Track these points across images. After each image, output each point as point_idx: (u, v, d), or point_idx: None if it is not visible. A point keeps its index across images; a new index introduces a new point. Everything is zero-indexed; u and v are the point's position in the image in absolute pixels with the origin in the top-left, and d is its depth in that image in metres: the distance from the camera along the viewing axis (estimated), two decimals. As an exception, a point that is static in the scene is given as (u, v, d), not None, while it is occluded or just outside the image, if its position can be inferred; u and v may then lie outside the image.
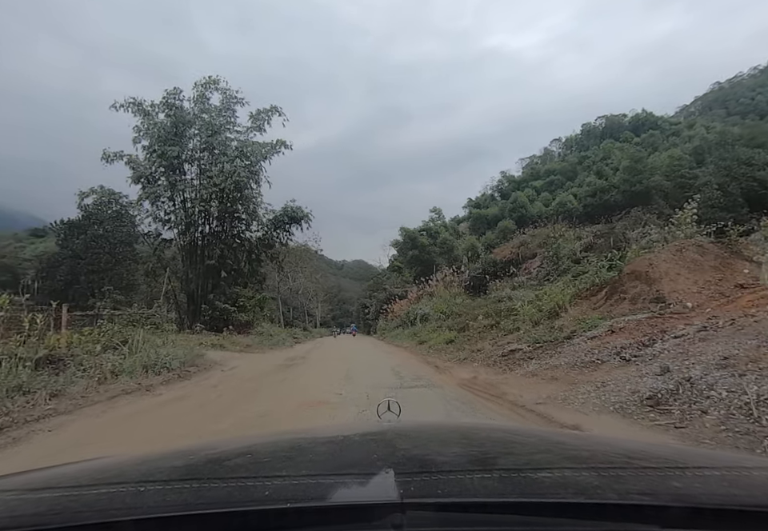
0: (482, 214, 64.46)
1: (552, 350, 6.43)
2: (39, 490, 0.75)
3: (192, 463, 0.93)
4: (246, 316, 20.65)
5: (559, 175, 64.74)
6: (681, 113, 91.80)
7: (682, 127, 69.56)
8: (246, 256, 24.35)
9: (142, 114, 21.83)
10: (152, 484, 0.71)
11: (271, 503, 0.59)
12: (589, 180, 49.79)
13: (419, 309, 21.42)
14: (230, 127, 23.50)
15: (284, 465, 0.88)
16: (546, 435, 1.42)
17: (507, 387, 5.55)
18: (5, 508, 0.64)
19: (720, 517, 0.55)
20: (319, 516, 0.57)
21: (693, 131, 62.55)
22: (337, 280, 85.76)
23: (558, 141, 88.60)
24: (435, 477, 0.69)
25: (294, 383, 7.63)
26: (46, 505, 0.65)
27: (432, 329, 16.11)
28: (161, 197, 21.51)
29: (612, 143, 63.73)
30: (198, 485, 0.70)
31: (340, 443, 1.08)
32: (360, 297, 59.01)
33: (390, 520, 0.53)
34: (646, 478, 0.70)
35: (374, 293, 43.87)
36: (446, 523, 0.55)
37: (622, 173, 43.19)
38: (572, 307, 8.04)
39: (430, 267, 39.33)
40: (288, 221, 24.49)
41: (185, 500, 0.63)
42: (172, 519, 0.55)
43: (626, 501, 0.58)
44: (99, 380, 6.04)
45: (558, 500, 0.59)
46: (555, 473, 0.70)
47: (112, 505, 0.62)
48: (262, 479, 0.70)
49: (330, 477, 0.72)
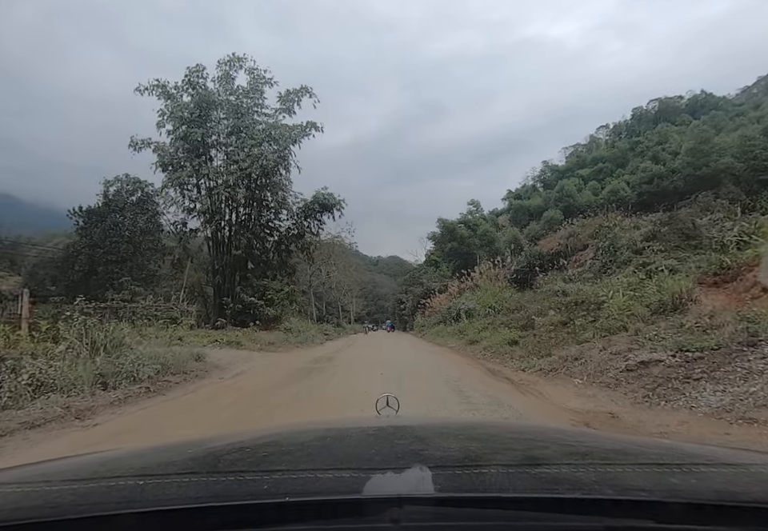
0: (524, 205, 61.20)
1: (727, 365, 4.06)
2: (38, 483, 0.74)
3: (191, 457, 0.92)
4: (274, 310, 19.05)
5: (608, 163, 60.37)
6: (742, 95, 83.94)
7: (746, 108, 63.27)
8: (274, 246, 22.85)
9: (165, 97, 20.60)
10: (151, 478, 0.71)
11: (270, 497, 0.58)
12: (644, 166, 45.68)
13: (462, 304, 19.18)
14: (258, 109, 21.99)
15: (283, 459, 0.87)
16: (544, 431, 1.38)
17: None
18: (4, 501, 0.64)
19: (717, 513, 0.54)
20: (317, 510, 0.56)
21: (759, 112, 56.51)
22: (372, 276, 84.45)
23: (606, 128, 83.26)
24: (433, 471, 0.68)
25: (305, 404, 5.31)
26: (45, 498, 0.64)
27: (482, 327, 13.89)
28: (186, 184, 20.27)
29: (668, 126, 58.66)
30: (196, 478, 0.70)
31: (338, 438, 1.08)
32: (395, 293, 57.12)
33: (388, 514, 0.53)
34: (644, 474, 0.70)
35: (410, 287, 41.74)
36: (444, 518, 0.55)
37: (684, 157, 39.10)
38: (705, 297, 5.72)
39: (469, 260, 36.95)
40: (319, 208, 22.77)
41: (183, 493, 0.63)
42: (170, 512, 0.54)
43: (624, 497, 0.57)
44: (6, 402, 4.17)
45: (556, 495, 0.58)
46: (553, 469, 0.71)
47: (111, 499, 0.62)
48: (261, 473, 0.70)
49: (329, 472, 0.70)
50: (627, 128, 73.94)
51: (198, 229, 20.97)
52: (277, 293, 19.63)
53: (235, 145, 20.66)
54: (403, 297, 45.96)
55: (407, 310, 42.41)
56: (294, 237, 22.87)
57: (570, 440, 1.08)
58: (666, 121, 64.71)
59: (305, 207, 22.79)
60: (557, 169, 69.71)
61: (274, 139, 21.18)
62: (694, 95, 71.77)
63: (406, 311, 43.19)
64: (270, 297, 19.45)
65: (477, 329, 14.26)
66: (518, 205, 62.05)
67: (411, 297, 39.89)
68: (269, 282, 20.04)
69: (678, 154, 43.75)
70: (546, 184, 67.32)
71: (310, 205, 22.68)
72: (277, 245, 22.75)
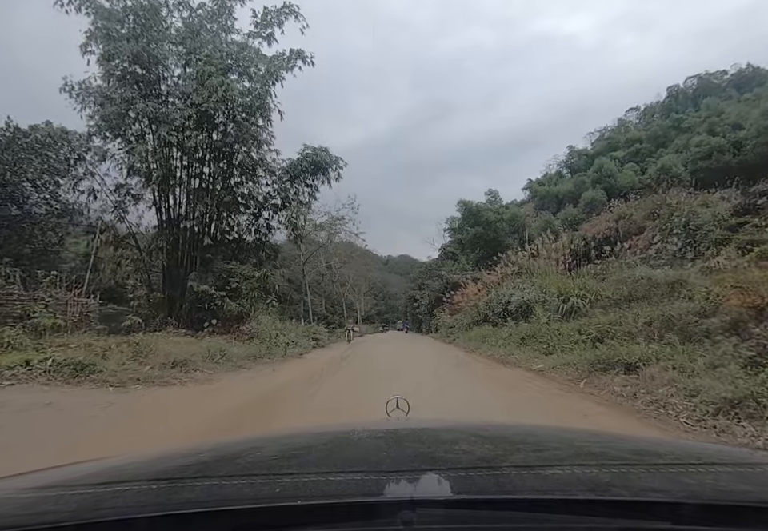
0: (551, 192, 54.95)
1: None
2: (55, 488, 0.74)
3: (203, 461, 0.92)
4: (240, 305, 13.21)
5: (646, 143, 53.72)
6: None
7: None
8: (250, 220, 17.00)
9: (95, 13, 14.80)
10: (164, 482, 0.71)
11: (282, 500, 0.58)
12: (697, 140, 39.10)
13: (512, 295, 13.13)
14: (223, 34, 16.15)
15: (294, 462, 0.87)
16: (556, 432, 1.36)
17: None
18: (22, 505, 0.65)
19: (733, 513, 0.53)
20: (330, 513, 0.56)
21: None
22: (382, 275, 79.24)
23: (636, 110, 76.51)
24: (445, 474, 0.68)
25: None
26: (61, 503, 0.64)
27: (579, 330, 7.80)
28: (120, 127, 14.43)
29: (716, 101, 51.93)
30: (209, 482, 0.70)
31: (349, 441, 1.07)
32: (406, 290, 51.09)
33: (401, 517, 0.52)
34: (658, 475, 0.68)
35: (425, 281, 35.64)
36: (456, 520, 0.54)
37: (759, 120, 32.45)
38: None
39: (497, 248, 30.88)
40: (309, 168, 16.90)
41: (196, 498, 0.63)
42: (184, 516, 0.54)
43: (638, 498, 0.56)
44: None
45: (568, 496, 0.57)
46: (565, 470, 0.69)
47: (126, 503, 0.62)
48: (273, 477, 0.70)
49: (340, 475, 0.70)
50: (663, 107, 67.05)
51: (138, 195, 15.19)
52: (245, 280, 13.77)
53: (187, 76, 14.87)
54: (417, 294, 39.83)
55: (422, 309, 36.36)
56: (276, 207, 17.02)
57: (582, 441, 1.05)
58: (706, 99, 58.13)
59: (290, 167, 16.95)
60: (585, 154, 63.13)
61: (246, 71, 15.38)
62: (739, 69, 64.63)
63: (421, 309, 37.13)
64: (234, 286, 13.60)
65: (572, 333, 8.15)
66: (544, 192, 55.77)
67: (428, 293, 33.86)
68: (236, 267, 14.20)
69: (741, 128, 37.24)
70: (573, 169, 61.07)
71: (298, 163, 16.84)
72: (253, 218, 16.94)
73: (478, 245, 34.63)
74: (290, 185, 16.83)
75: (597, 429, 2.77)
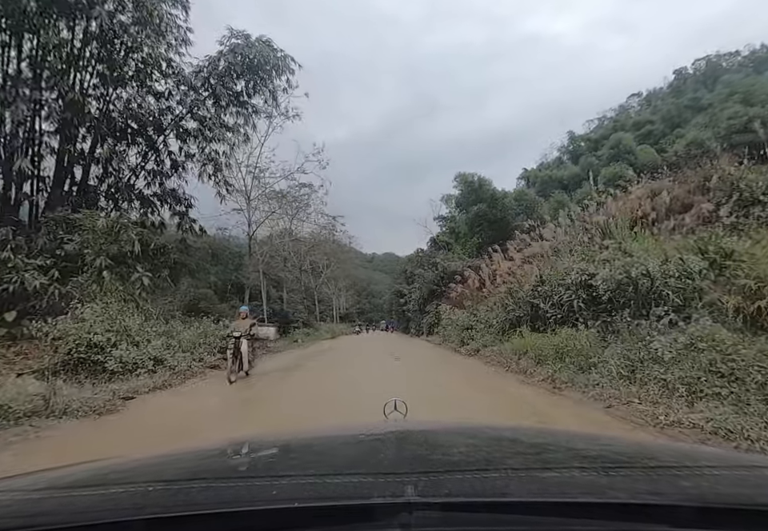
0: (554, 176, 49.27)
1: None
2: (50, 490, 0.73)
3: (199, 463, 0.91)
4: (73, 285, 6.73)
5: (659, 124, 48.51)
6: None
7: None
8: (142, 152, 10.54)
9: None
10: (160, 484, 0.70)
11: (278, 503, 0.57)
12: (731, 112, 33.81)
13: (596, 270, 6.92)
14: None
15: (291, 464, 0.86)
16: (554, 435, 1.33)
17: None
18: (19, 507, 0.64)
19: (730, 516, 0.53)
20: (327, 515, 0.56)
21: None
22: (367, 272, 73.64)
23: (638, 96, 71.69)
24: (443, 476, 0.68)
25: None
26: (58, 505, 0.64)
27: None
28: None
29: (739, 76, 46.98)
30: (205, 484, 0.69)
31: (347, 442, 1.05)
32: (392, 285, 44.64)
33: (398, 519, 0.52)
34: (655, 477, 0.68)
35: (415, 271, 29.33)
36: (454, 523, 0.54)
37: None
38: None
39: (505, 230, 24.91)
40: (240, 70, 10.45)
41: (192, 499, 0.62)
42: (180, 519, 0.54)
43: (636, 501, 0.56)
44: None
45: (566, 499, 0.57)
46: (563, 473, 0.69)
47: (121, 505, 0.61)
48: (269, 479, 0.69)
49: (337, 477, 0.69)
50: (672, 90, 62.05)
51: None
52: (84, 232, 7.24)
53: None
54: (405, 288, 33.48)
55: (411, 305, 29.97)
56: (188, 135, 10.58)
57: (580, 443, 1.04)
58: (717, 80, 53.43)
59: (210, 66, 10.48)
60: (588, 139, 57.76)
61: None
62: (752, 50, 60.00)
63: (410, 306, 30.74)
64: (70, 247, 7.07)
65: None
66: (546, 177, 50.10)
67: (418, 286, 27.57)
68: (85, 216, 7.68)
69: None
70: (575, 155, 55.77)
71: (220, 60, 10.40)
72: (147, 151, 10.46)
73: (481, 228, 28.53)
74: (209, 93, 10.35)
75: (594, 432, 2.73)
